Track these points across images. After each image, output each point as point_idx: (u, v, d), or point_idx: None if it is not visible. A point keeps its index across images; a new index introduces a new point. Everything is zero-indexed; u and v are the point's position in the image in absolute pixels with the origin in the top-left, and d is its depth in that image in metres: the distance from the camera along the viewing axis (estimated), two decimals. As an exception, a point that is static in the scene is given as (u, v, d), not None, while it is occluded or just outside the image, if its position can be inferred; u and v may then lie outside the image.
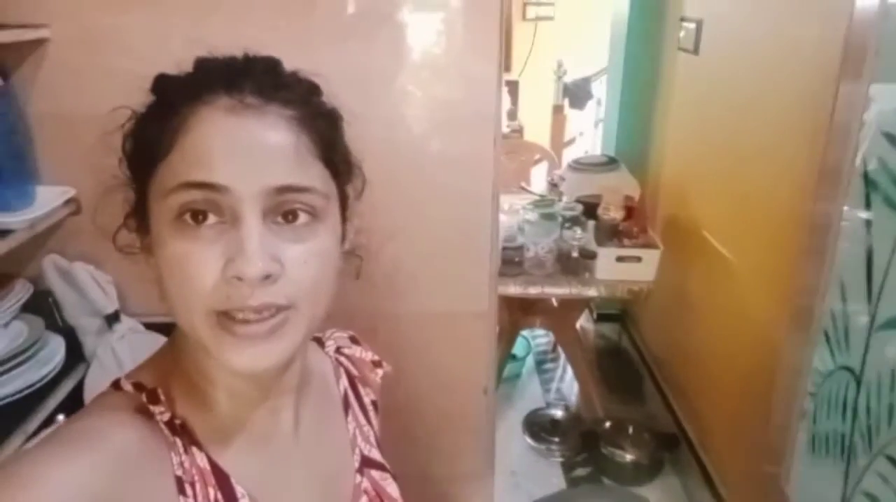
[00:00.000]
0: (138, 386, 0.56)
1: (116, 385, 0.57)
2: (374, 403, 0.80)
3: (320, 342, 0.79)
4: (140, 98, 0.56)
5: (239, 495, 0.56)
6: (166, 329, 1.33)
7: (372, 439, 0.76)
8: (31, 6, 1.18)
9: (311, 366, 0.69)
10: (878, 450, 1.09)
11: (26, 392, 1.19)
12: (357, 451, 0.72)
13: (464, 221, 1.35)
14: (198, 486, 0.54)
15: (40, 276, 1.31)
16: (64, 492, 0.45)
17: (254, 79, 0.53)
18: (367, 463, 0.73)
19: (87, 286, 1.27)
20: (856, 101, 1.23)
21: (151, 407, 0.54)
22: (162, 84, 0.56)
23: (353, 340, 0.83)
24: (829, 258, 1.32)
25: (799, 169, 1.52)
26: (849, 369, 1.21)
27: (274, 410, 0.62)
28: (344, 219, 0.61)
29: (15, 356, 1.20)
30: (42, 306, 1.31)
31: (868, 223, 1.18)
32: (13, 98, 1.21)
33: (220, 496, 0.55)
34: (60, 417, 1.27)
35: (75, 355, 1.31)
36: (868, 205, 1.18)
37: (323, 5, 1.23)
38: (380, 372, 0.82)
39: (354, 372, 0.79)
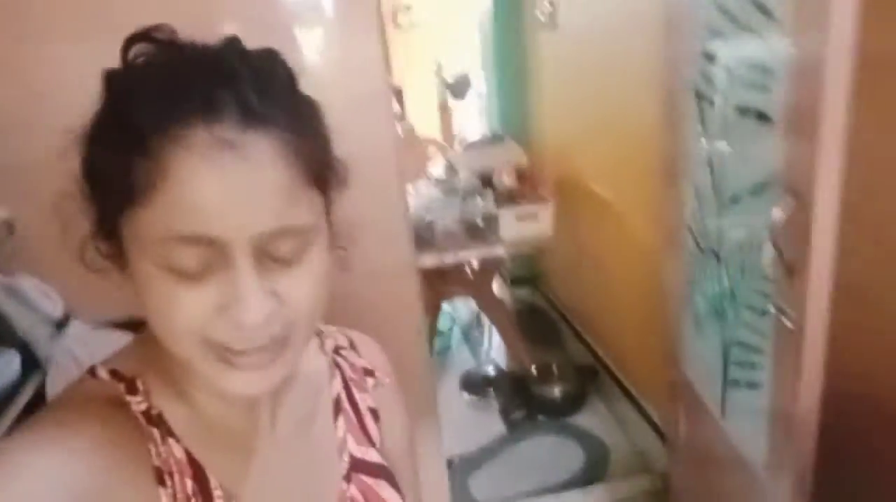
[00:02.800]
0: (114, 374, 0.55)
1: (92, 372, 0.55)
2: (372, 411, 0.73)
3: (319, 336, 0.73)
4: (72, 112, 0.49)
5: (213, 487, 0.55)
6: (121, 326, 1.43)
7: (372, 440, 0.71)
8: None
9: (299, 365, 0.65)
10: (740, 304, 1.35)
11: (-10, 401, 1.25)
12: (346, 456, 0.67)
13: (380, 196, 1.53)
14: (176, 477, 0.53)
15: (-17, 297, 1.37)
16: (40, 483, 0.44)
17: (236, 97, 0.46)
18: (358, 466, 0.68)
19: (32, 296, 1.34)
20: (679, 57, 1.50)
21: (128, 397, 0.53)
22: (120, 95, 0.48)
23: (352, 345, 0.76)
24: (685, 183, 1.58)
25: (650, 113, 1.79)
26: (711, 250, 1.46)
27: (250, 407, 0.60)
28: (330, 222, 0.57)
29: (-28, 371, 1.26)
30: (-11, 325, 1.37)
31: (703, 128, 1.44)
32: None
33: (195, 487, 0.54)
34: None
35: (30, 365, 1.37)
36: (702, 118, 1.45)
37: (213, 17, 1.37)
38: (370, 381, 0.74)
39: (351, 374, 0.73)
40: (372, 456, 0.70)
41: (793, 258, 1.10)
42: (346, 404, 0.71)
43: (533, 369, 2.67)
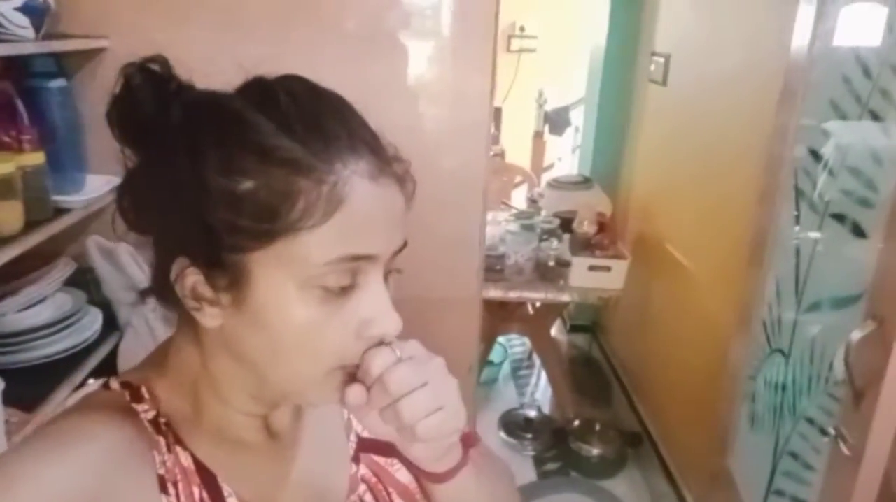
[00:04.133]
0: (125, 385, 0.56)
1: (106, 384, 0.57)
2: None
3: None
4: None
5: (226, 494, 0.56)
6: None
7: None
8: (94, 19, 1.38)
9: None
10: (800, 415, 1.30)
11: (71, 351, 1.36)
12: (353, 436, 0.69)
13: (459, 221, 1.57)
14: (181, 485, 0.53)
15: (81, 255, 1.48)
16: (47, 491, 0.45)
17: (371, 135, 0.53)
18: (365, 446, 0.69)
19: (126, 263, 1.44)
20: (787, 130, 1.46)
21: (135, 406, 0.54)
22: (271, 122, 0.48)
23: None
24: (766, 266, 1.54)
25: (748, 188, 1.75)
26: (780, 351, 1.42)
27: (266, 419, 0.62)
28: None
29: (60, 321, 1.37)
30: (82, 282, 1.49)
31: (797, 233, 1.41)
32: (72, 97, 1.39)
33: (205, 495, 0.54)
34: (91, 381, 1.44)
35: (110, 325, 1.48)
36: (797, 217, 1.41)
37: (333, 26, 1.44)
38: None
39: None
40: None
41: (863, 384, 1.06)
42: None
43: (575, 422, 2.63)
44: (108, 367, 1.45)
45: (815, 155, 1.33)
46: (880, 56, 1.09)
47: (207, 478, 0.55)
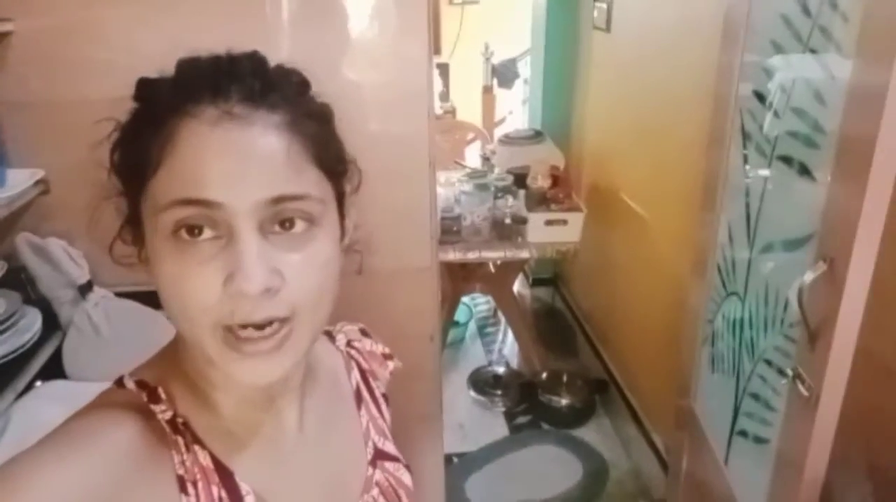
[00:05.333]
0: (141, 384, 0.55)
1: (120, 383, 0.56)
2: (384, 396, 0.78)
3: (330, 336, 0.77)
4: (112, 85, 0.54)
5: (244, 492, 0.56)
6: (137, 297, 1.46)
7: (386, 431, 0.75)
8: (-4, 1, 1.27)
9: (318, 361, 0.68)
10: (759, 357, 1.32)
11: (10, 357, 1.29)
12: (370, 444, 0.71)
13: (406, 189, 1.52)
14: (200, 485, 0.53)
15: (13, 254, 1.40)
16: (64, 492, 0.45)
17: (240, 83, 0.51)
18: (380, 455, 0.72)
19: (60, 259, 1.36)
20: (731, 70, 1.45)
21: (152, 406, 0.54)
22: (144, 91, 0.53)
23: (364, 333, 0.81)
24: (718, 210, 1.54)
25: (696, 133, 1.74)
26: (736, 294, 1.43)
27: (277, 409, 0.61)
28: (342, 216, 0.59)
29: (-3, 326, 1.29)
30: (16, 282, 1.41)
31: (746, 174, 1.40)
32: (-21, 86, 1.29)
33: (224, 494, 0.54)
34: (38, 383, 1.37)
35: (51, 325, 1.41)
36: (745, 159, 1.40)
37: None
38: (390, 365, 0.80)
39: (365, 365, 0.77)
40: (389, 447, 0.74)
41: (817, 325, 1.07)
42: (365, 394, 0.75)
43: (543, 375, 2.66)
44: (53, 368, 1.39)
45: (759, 95, 1.32)
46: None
47: (225, 477, 0.55)
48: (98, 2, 1.31)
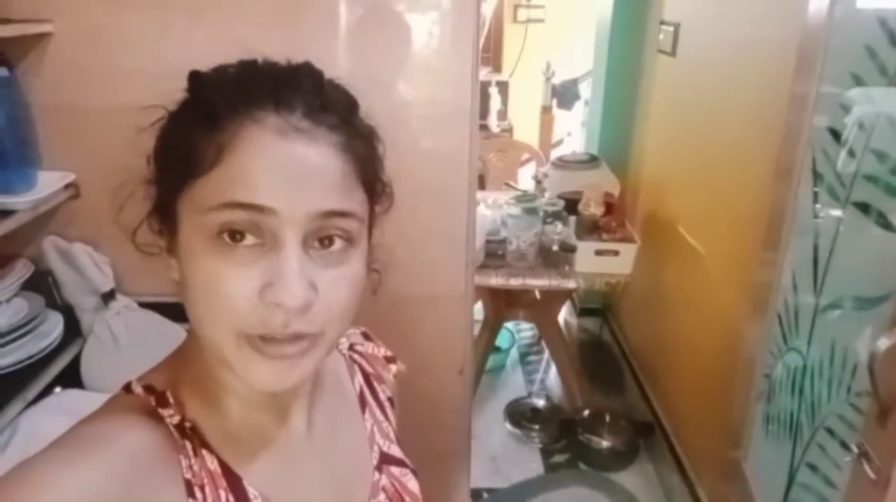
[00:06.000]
0: (149, 389, 0.55)
1: (128, 388, 0.56)
2: (389, 400, 0.78)
3: None
4: (143, 93, 0.54)
5: (251, 497, 0.56)
6: (160, 308, 1.42)
7: (391, 435, 0.75)
8: (36, 2, 1.26)
9: (323, 366, 0.67)
10: (819, 424, 1.18)
11: (26, 362, 1.27)
12: (375, 448, 0.71)
13: (443, 211, 1.44)
14: (207, 489, 0.53)
15: (40, 257, 1.39)
16: (72, 497, 0.45)
17: (303, 97, 0.51)
18: (386, 459, 0.72)
19: (85, 265, 1.34)
20: (805, 102, 1.31)
21: (160, 411, 0.54)
22: (201, 86, 0.53)
23: (366, 336, 0.82)
24: (782, 250, 1.41)
25: (763, 165, 1.60)
26: (797, 350, 1.29)
27: (286, 414, 0.62)
28: (369, 236, 0.59)
29: (16, 329, 1.27)
30: (41, 285, 1.39)
31: (815, 215, 1.27)
32: (17, 88, 1.28)
33: (231, 498, 0.55)
34: (58, 389, 1.35)
35: (73, 331, 1.39)
36: (815, 198, 1.27)
37: (311, 5, 1.31)
38: (393, 368, 0.80)
39: (369, 369, 0.78)
40: (395, 451, 0.74)
41: (890, 399, 0.93)
42: (369, 398, 0.75)
43: (585, 412, 2.52)
44: (71, 375, 1.36)
45: (834, 132, 1.18)
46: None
47: (233, 481, 0.55)
48: (131, 8, 1.29)
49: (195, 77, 0.54)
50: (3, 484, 0.45)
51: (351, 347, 0.78)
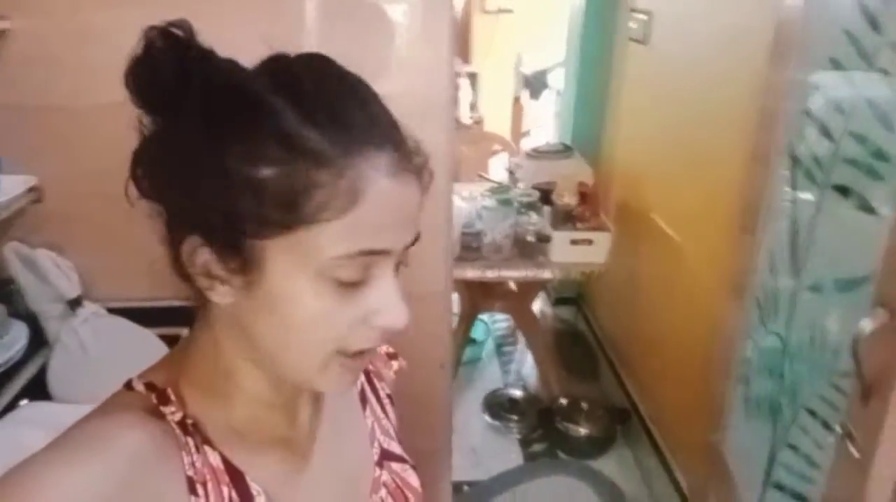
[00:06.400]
0: (150, 387, 0.55)
1: (129, 385, 0.56)
2: (389, 396, 0.79)
3: None
4: (110, 91, 0.51)
5: (254, 492, 0.56)
6: (130, 313, 1.38)
7: (391, 432, 0.76)
8: (-10, -4, 1.20)
9: None
10: (800, 406, 1.19)
11: (-8, 374, 1.21)
12: (376, 445, 0.72)
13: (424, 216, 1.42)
14: (210, 485, 0.53)
15: (2, 264, 1.33)
16: (74, 495, 0.45)
17: (395, 128, 0.53)
18: (386, 455, 0.73)
19: (49, 272, 1.29)
20: (781, 86, 1.32)
21: (162, 408, 0.53)
22: (285, 115, 0.47)
23: None
24: (759, 233, 1.42)
25: (738, 152, 1.61)
26: (777, 334, 1.30)
27: (291, 412, 0.62)
28: None
29: (-22, 341, 1.22)
30: (4, 293, 1.33)
31: (793, 199, 1.27)
32: (-29, 86, 1.22)
33: (234, 494, 0.55)
34: (24, 401, 1.30)
35: (38, 340, 1.34)
36: (793, 182, 1.28)
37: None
38: (394, 364, 0.81)
39: (369, 366, 0.78)
40: (395, 447, 0.75)
41: (873, 379, 0.94)
42: (370, 396, 0.75)
43: (562, 401, 2.53)
44: (37, 386, 1.31)
45: (811, 115, 1.19)
46: (891, 5, 0.94)
47: (236, 477, 0.55)
48: (98, 3, 1.23)
49: (238, 80, 0.48)
50: (5, 484, 0.44)
51: None
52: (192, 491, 0.52)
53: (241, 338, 0.54)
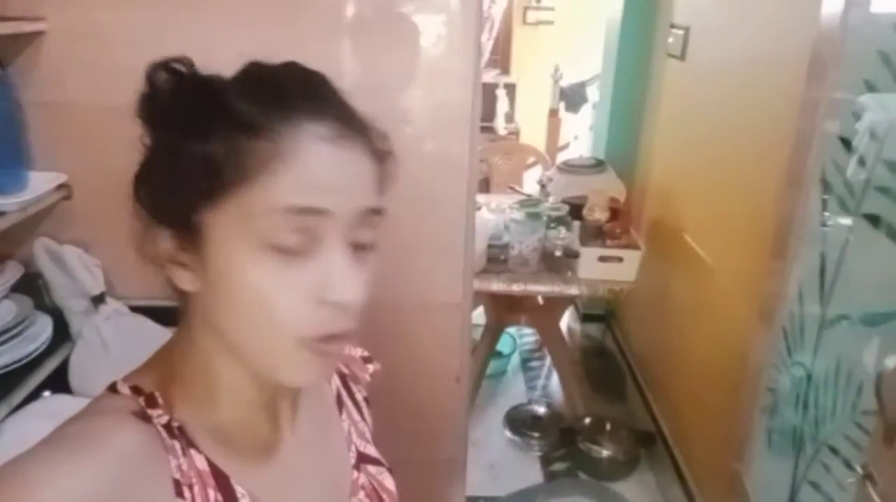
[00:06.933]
0: (136, 390, 0.55)
1: (113, 388, 0.56)
2: (365, 400, 0.80)
3: None
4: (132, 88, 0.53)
5: (239, 495, 0.56)
6: (150, 312, 1.40)
7: (367, 435, 0.77)
8: (30, 0, 1.24)
9: None
10: (823, 441, 1.14)
11: (13, 366, 1.24)
12: (353, 448, 0.73)
13: (440, 216, 1.41)
14: (196, 488, 0.54)
15: (31, 258, 1.37)
16: (66, 496, 0.45)
17: (333, 104, 0.55)
18: (362, 458, 0.74)
19: (75, 268, 1.32)
20: (816, 108, 1.28)
21: (149, 411, 0.54)
22: (218, 94, 0.52)
23: None
24: (791, 260, 1.37)
25: (772, 174, 1.56)
26: (802, 365, 1.26)
27: (273, 413, 0.63)
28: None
29: (4, 332, 1.25)
30: (31, 287, 1.37)
31: (824, 226, 1.23)
32: (9, 87, 1.26)
33: (219, 497, 0.55)
34: (46, 393, 1.33)
35: (62, 334, 1.36)
36: (824, 208, 1.23)
37: (312, 5, 1.29)
38: (370, 368, 0.82)
39: (345, 370, 0.79)
40: (371, 450, 0.76)
41: (898, 420, 0.90)
42: (346, 399, 0.76)
43: (585, 420, 2.49)
44: (60, 380, 1.34)
45: (845, 141, 1.15)
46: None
47: (221, 480, 0.56)
48: (127, 5, 1.27)
49: (205, 84, 0.53)
50: None
51: None
52: (179, 493, 0.52)
53: (211, 329, 0.55)
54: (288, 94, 0.52)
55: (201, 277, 0.53)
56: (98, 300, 1.34)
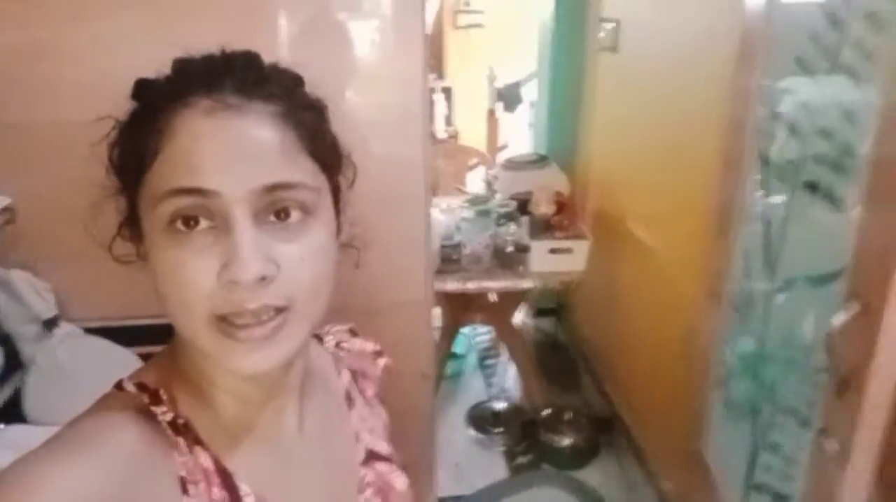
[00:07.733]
0: (141, 387, 0.55)
1: (119, 386, 0.56)
2: (378, 395, 0.79)
3: (319, 338, 0.78)
4: (84, 109, 0.55)
5: (243, 494, 0.56)
6: (108, 333, 1.36)
7: (378, 432, 0.76)
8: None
9: (312, 364, 0.69)
10: (778, 404, 1.21)
11: (-37, 399, 1.19)
12: (362, 445, 0.72)
13: (400, 217, 1.42)
14: (202, 486, 0.53)
15: (-26, 285, 1.30)
16: (69, 495, 0.45)
17: (234, 76, 0.52)
18: (372, 456, 0.73)
19: (24, 293, 1.27)
20: (748, 89, 1.35)
21: (153, 408, 0.54)
22: (142, 89, 0.55)
23: (352, 332, 0.82)
24: (733, 237, 1.44)
25: (710, 157, 1.64)
26: (753, 336, 1.32)
27: (277, 410, 0.62)
28: (337, 211, 0.60)
29: (-50, 364, 1.20)
30: (-24, 315, 1.31)
31: (765, 201, 1.30)
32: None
33: (224, 495, 0.55)
34: (0, 425, 1.27)
35: (13, 362, 1.31)
36: (764, 184, 1.30)
37: (262, 12, 1.28)
38: (381, 362, 0.81)
39: (355, 365, 0.78)
40: (382, 448, 0.74)
41: (848, 373, 0.96)
42: (355, 396, 0.75)
43: (545, 412, 2.53)
44: (12, 409, 1.28)
45: (780, 116, 1.22)
46: (851, 4, 0.97)
47: (226, 478, 0.55)
48: (72, 20, 1.23)
49: (139, 84, 0.55)
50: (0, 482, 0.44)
51: (337, 344, 0.78)
52: (185, 491, 0.52)
53: None
54: (190, 74, 0.53)
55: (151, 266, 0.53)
56: (51, 324, 1.30)
